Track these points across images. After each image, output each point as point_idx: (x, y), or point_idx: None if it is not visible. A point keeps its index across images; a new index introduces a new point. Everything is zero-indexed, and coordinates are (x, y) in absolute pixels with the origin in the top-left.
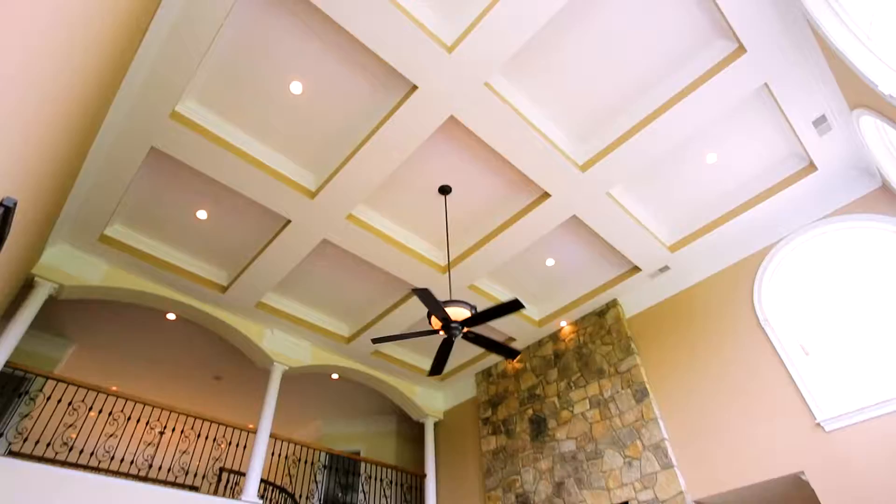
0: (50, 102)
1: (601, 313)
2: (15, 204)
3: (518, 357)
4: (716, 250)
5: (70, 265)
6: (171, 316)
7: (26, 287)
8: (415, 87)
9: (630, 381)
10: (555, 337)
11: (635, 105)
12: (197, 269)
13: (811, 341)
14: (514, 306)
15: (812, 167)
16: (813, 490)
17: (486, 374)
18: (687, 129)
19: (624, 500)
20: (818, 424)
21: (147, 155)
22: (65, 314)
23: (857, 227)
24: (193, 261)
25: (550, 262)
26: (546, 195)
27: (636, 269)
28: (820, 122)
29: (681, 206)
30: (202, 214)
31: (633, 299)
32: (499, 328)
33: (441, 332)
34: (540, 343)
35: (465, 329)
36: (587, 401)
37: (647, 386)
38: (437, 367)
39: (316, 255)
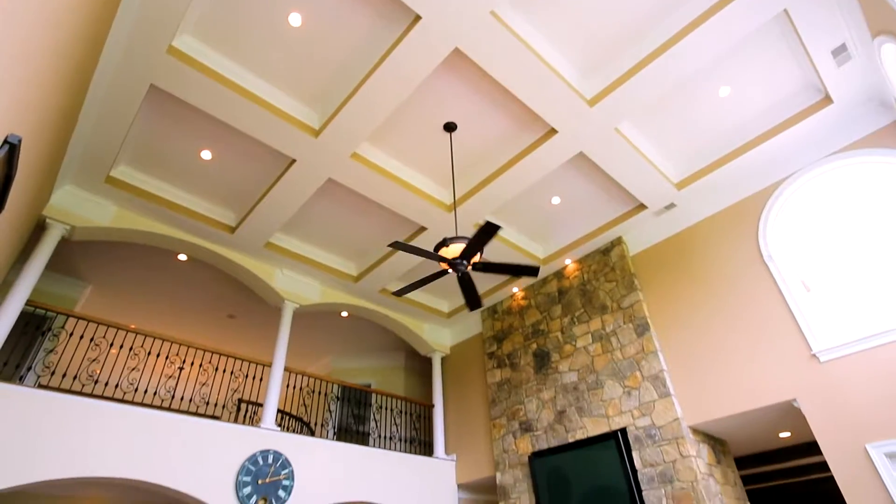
0: (46, 33)
1: (606, 251)
2: (20, 141)
3: (523, 294)
4: (723, 187)
5: (80, 207)
6: (182, 257)
7: (39, 229)
8: (418, 18)
9: (632, 315)
10: (559, 274)
11: (647, 35)
12: (204, 209)
13: (813, 277)
14: (489, 230)
15: (827, 100)
16: (804, 416)
17: (492, 311)
18: (701, 61)
19: (622, 426)
20: (814, 355)
21: (147, 93)
22: (79, 255)
23: (870, 162)
24: (200, 202)
25: (556, 199)
26: (553, 131)
27: (642, 206)
28: (840, 51)
29: (690, 141)
30: (206, 155)
31: (638, 237)
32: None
33: (450, 271)
34: (544, 280)
35: (471, 262)
36: (589, 335)
37: (649, 320)
38: (472, 302)
39: (321, 194)
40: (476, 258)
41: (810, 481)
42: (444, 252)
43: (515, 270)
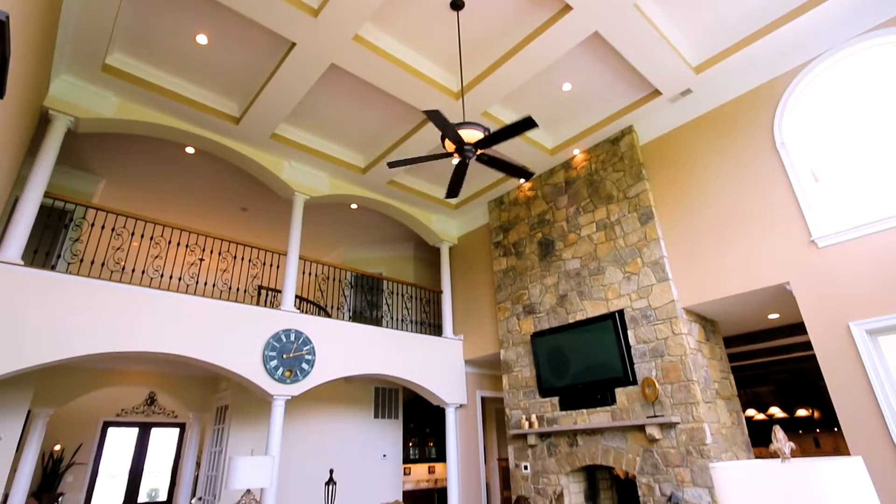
0: None
1: (615, 140)
2: (7, 17)
3: (530, 185)
4: (744, 70)
5: (81, 98)
6: (189, 150)
7: (44, 122)
8: None
9: (637, 205)
10: (567, 165)
11: None
12: (207, 99)
13: (823, 166)
14: (526, 125)
15: None
16: (794, 298)
17: (499, 202)
18: None
19: (620, 308)
20: (812, 241)
21: None
22: (89, 150)
23: None
24: (202, 91)
25: (567, 86)
26: (567, 8)
27: (656, 93)
28: None
29: (715, 19)
30: (202, 39)
31: (650, 125)
32: (511, 157)
33: (455, 155)
34: (552, 171)
35: (479, 151)
36: (594, 224)
37: (654, 209)
38: (453, 190)
39: (325, 81)
40: (484, 149)
41: (792, 359)
42: (461, 133)
43: (511, 170)
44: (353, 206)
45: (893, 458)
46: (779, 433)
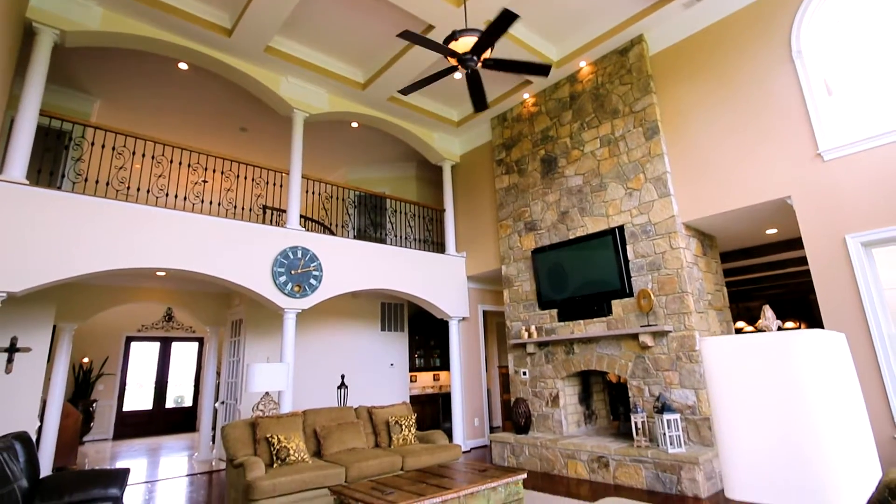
0: None
1: (624, 51)
2: None
3: (534, 100)
4: None
5: (63, 8)
6: (182, 66)
7: (29, 36)
8: None
9: (643, 119)
10: (572, 78)
11: None
12: (195, 9)
13: (837, 79)
14: (506, 19)
15: None
16: (794, 212)
17: (501, 118)
18: None
19: (620, 224)
20: (818, 154)
21: None
22: (82, 69)
23: None
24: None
25: None
26: None
27: None
28: None
29: None
30: None
31: (661, 34)
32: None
33: (459, 69)
34: (556, 86)
35: (482, 58)
36: (598, 140)
37: (659, 124)
38: (479, 102)
39: None
40: (487, 54)
41: (786, 274)
42: (453, 46)
43: (527, 68)
44: (354, 124)
45: (873, 363)
46: (767, 312)
